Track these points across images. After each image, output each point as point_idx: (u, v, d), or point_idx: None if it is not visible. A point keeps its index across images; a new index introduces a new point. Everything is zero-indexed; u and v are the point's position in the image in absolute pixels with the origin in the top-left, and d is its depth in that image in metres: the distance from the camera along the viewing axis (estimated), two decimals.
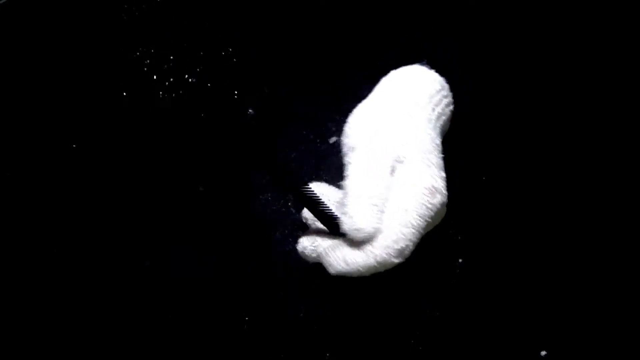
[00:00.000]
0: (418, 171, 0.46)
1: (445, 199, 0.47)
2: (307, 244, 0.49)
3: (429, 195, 0.45)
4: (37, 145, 0.56)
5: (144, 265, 0.57)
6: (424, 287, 0.57)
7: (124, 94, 0.56)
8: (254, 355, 0.56)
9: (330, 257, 0.46)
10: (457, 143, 0.54)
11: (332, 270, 0.47)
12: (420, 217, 0.45)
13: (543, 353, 0.55)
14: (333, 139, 0.62)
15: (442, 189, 0.47)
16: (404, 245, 0.44)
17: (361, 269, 0.45)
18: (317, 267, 0.58)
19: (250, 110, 0.57)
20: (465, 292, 0.57)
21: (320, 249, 0.48)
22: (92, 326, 0.56)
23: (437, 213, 0.47)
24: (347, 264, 0.45)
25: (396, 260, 0.45)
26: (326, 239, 0.48)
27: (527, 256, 0.57)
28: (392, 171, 0.47)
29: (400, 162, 0.47)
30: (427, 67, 0.52)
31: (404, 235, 0.44)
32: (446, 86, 0.52)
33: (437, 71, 0.52)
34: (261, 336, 0.56)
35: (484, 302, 0.56)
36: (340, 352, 0.56)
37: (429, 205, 0.45)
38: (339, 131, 0.60)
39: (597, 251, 0.56)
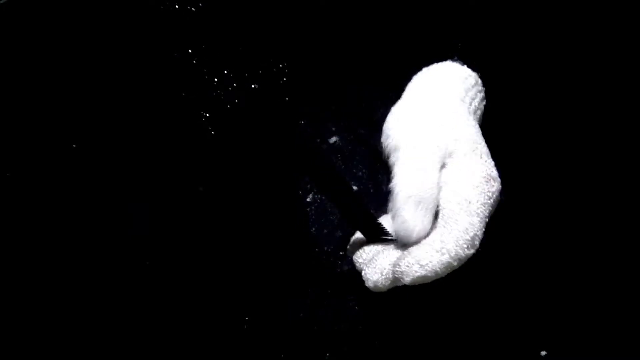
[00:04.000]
0: (472, 162, 0.46)
1: (500, 186, 0.46)
2: (377, 275, 0.47)
3: (487, 184, 0.45)
4: (37, 145, 0.56)
5: (144, 265, 0.57)
6: (424, 287, 0.57)
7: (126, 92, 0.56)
8: (254, 355, 0.56)
9: (401, 266, 0.44)
10: None
11: (407, 279, 0.44)
12: (483, 205, 0.44)
13: (543, 353, 0.55)
14: (333, 139, 0.62)
15: (497, 176, 0.47)
16: (473, 234, 0.43)
17: (437, 268, 0.43)
18: (317, 268, 0.58)
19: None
20: (466, 291, 0.57)
21: (387, 267, 0.46)
22: (92, 326, 0.56)
23: (495, 201, 0.46)
24: (422, 266, 0.43)
25: (470, 252, 0.44)
26: (387, 255, 0.47)
27: (527, 256, 0.57)
28: (443, 167, 0.47)
29: (451, 156, 0.47)
30: (459, 62, 0.52)
31: (472, 224, 0.44)
32: (479, 81, 0.52)
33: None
34: (261, 336, 0.56)
35: (484, 302, 0.56)
36: (340, 352, 0.56)
37: (489, 194, 0.45)
38: (339, 131, 0.60)
39: (597, 251, 0.56)
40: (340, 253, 0.58)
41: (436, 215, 0.46)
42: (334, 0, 0.58)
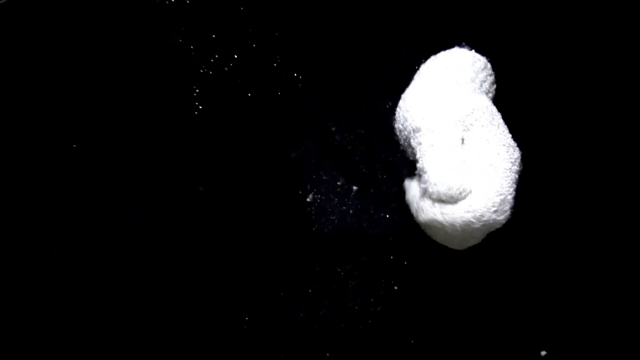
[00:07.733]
0: (491, 132, 0.48)
1: (520, 154, 0.49)
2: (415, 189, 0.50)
3: (508, 152, 0.47)
4: (37, 145, 0.56)
5: (144, 265, 0.57)
6: (424, 287, 0.57)
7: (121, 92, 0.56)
8: (254, 355, 0.56)
9: (425, 202, 0.47)
10: None
11: (423, 216, 0.47)
12: (509, 170, 0.47)
13: (543, 353, 0.55)
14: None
15: (515, 145, 0.49)
16: (503, 197, 0.45)
17: (456, 223, 0.45)
18: (317, 268, 0.58)
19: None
20: (465, 291, 0.57)
21: (416, 192, 0.49)
22: (93, 326, 0.56)
23: (518, 168, 0.48)
24: (442, 215, 0.46)
25: (499, 218, 0.45)
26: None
27: (527, 256, 0.57)
28: (462, 141, 0.49)
29: (469, 129, 0.49)
30: (467, 48, 0.53)
31: (502, 186, 0.45)
32: (489, 65, 0.53)
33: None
34: (261, 336, 0.56)
35: (484, 301, 0.56)
36: (340, 352, 0.56)
37: (512, 159, 0.47)
38: (338, 131, 0.60)
39: (597, 251, 0.56)
40: (341, 253, 0.58)
41: None
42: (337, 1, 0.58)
